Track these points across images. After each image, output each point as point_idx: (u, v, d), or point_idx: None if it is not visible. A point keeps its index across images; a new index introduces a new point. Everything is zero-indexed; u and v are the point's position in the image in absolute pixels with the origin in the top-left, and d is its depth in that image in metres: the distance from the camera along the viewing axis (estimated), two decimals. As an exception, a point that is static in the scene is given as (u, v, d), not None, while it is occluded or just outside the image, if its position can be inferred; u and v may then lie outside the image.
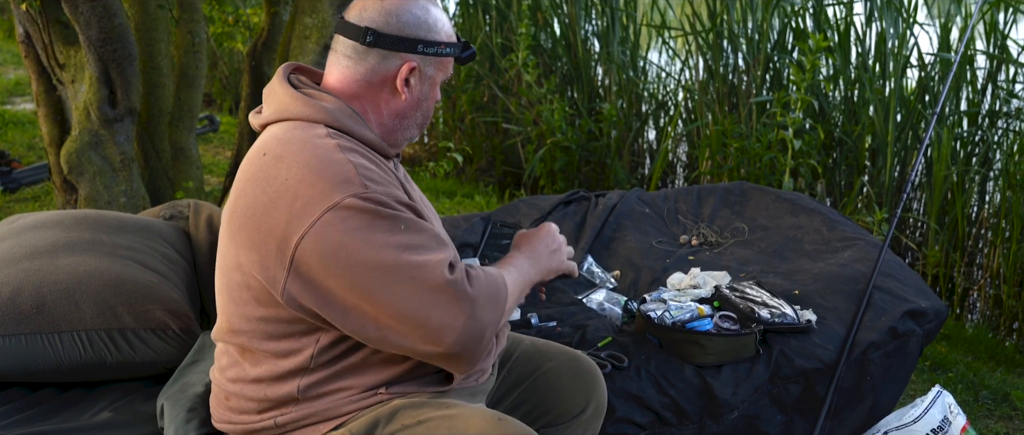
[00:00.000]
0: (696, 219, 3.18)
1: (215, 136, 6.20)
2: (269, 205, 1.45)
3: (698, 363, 2.28)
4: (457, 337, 1.42)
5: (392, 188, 1.48)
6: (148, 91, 3.76)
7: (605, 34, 5.33)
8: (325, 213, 1.41)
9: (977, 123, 4.35)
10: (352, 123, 1.54)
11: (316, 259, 1.42)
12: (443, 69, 1.62)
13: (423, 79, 1.60)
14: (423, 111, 1.64)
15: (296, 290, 1.45)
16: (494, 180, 5.69)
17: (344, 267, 1.41)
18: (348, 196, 1.41)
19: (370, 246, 1.40)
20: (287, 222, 1.43)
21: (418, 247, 1.43)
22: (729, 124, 4.47)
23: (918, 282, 2.67)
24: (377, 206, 1.42)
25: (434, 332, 1.42)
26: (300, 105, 1.54)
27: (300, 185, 1.43)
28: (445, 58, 1.61)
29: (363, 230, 1.41)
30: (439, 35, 1.58)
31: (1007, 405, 3.01)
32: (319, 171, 1.44)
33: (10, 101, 7.02)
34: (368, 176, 1.45)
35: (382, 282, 1.41)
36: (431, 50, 1.58)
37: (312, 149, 1.47)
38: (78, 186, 3.46)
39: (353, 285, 1.42)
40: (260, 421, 1.60)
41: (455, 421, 1.53)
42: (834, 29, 4.53)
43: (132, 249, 2.26)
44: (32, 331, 1.97)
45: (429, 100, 1.63)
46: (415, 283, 1.41)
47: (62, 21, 3.41)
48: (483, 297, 1.46)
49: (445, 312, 1.42)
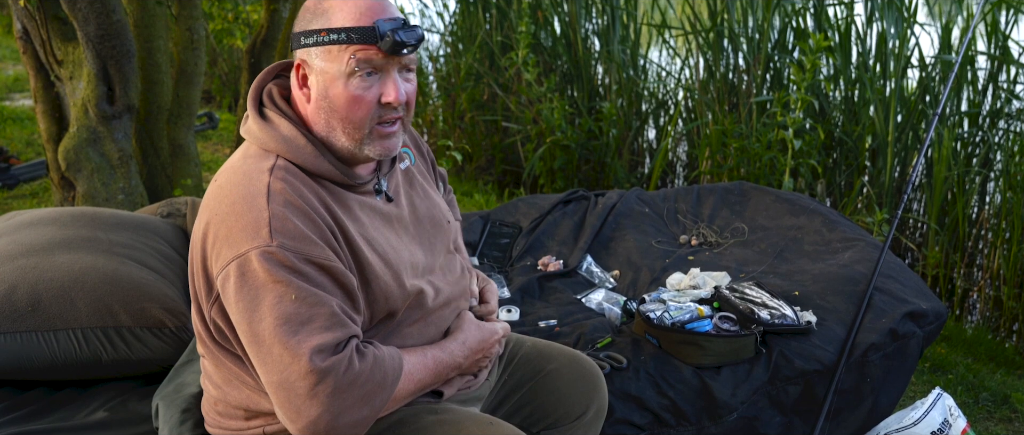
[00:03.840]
0: (696, 219, 3.17)
1: (214, 133, 6.19)
2: (204, 233, 1.44)
3: (697, 364, 2.27)
4: (308, 424, 1.37)
5: (308, 245, 1.38)
6: (147, 88, 3.75)
7: (605, 33, 5.31)
8: (231, 262, 1.38)
9: (978, 124, 4.34)
10: (307, 156, 1.45)
11: (225, 301, 1.42)
12: (335, 59, 1.42)
13: (316, 74, 1.45)
14: (333, 113, 1.45)
15: (219, 319, 1.46)
16: (493, 179, 5.68)
17: (237, 321, 1.40)
18: (252, 249, 1.36)
19: (256, 310, 1.36)
20: (210, 256, 1.43)
21: (298, 323, 1.36)
22: (729, 124, 4.46)
23: (918, 283, 2.66)
24: (273, 266, 1.35)
25: (291, 412, 1.38)
26: (258, 130, 1.48)
27: (222, 225, 1.41)
28: (329, 45, 1.41)
29: (254, 291, 1.36)
30: (328, 21, 1.41)
31: (1007, 407, 3.00)
32: (238, 213, 1.39)
33: (9, 97, 7.00)
34: (281, 230, 1.37)
35: (257, 348, 1.38)
36: (310, 41, 1.42)
37: (244, 187, 1.42)
38: (76, 183, 3.45)
39: (243, 339, 1.41)
40: (248, 428, 1.58)
41: (447, 425, 1.52)
42: (835, 29, 4.52)
43: (129, 247, 2.25)
44: (27, 329, 1.97)
45: (332, 99, 1.44)
46: (283, 361, 1.36)
47: (60, 17, 3.40)
48: (354, 394, 1.38)
49: (302, 399, 1.36)
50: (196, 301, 1.51)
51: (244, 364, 1.51)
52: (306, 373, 1.34)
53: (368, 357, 1.41)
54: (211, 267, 1.42)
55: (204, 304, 1.47)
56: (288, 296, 1.36)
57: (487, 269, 2.90)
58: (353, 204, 1.51)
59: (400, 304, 1.53)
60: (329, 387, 1.35)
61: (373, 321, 1.51)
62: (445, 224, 1.72)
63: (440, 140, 5.43)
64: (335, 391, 1.36)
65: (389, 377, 1.44)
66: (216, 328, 1.48)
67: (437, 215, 1.71)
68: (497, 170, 5.70)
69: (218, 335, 1.49)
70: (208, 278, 1.44)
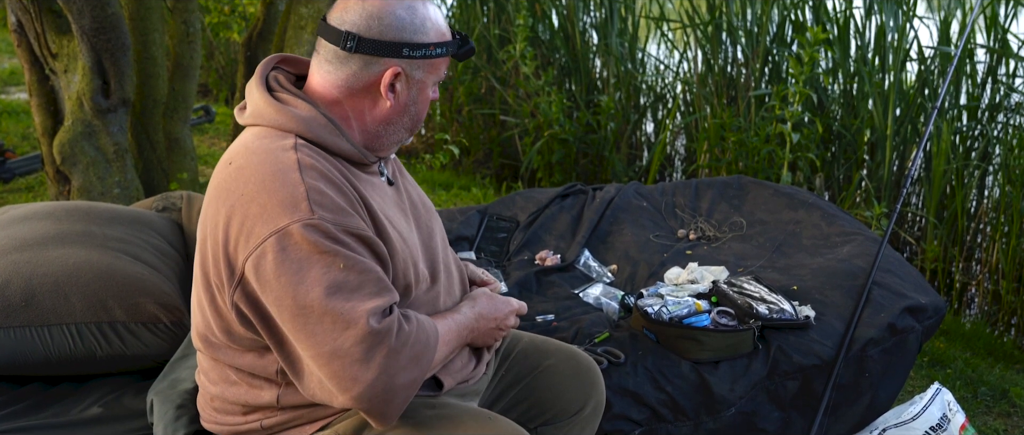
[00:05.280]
0: (694, 213, 3.15)
1: (211, 126, 6.17)
2: (227, 218, 1.42)
3: (695, 359, 2.26)
4: (365, 389, 1.38)
5: (346, 217, 1.41)
6: (142, 81, 3.73)
7: (603, 26, 5.29)
8: (268, 238, 1.37)
9: (977, 117, 4.33)
10: (326, 134, 1.48)
11: (256, 282, 1.40)
12: (434, 71, 1.54)
13: (410, 83, 1.52)
14: (411, 116, 1.56)
15: (242, 304, 1.43)
16: (491, 172, 5.67)
17: (278, 297, 1.39)
18: (293, 222, 1.37)
19: (302, 283, 1.36)
20: (236, 239, 1.41)
21: (349, 290, 1.37)
22: (727, 117, 4.45)
23: (917, 278, 2.65)
24: (319, 237, 1.37)
25: (346, 380, 1.38)
26: (272, 112, 1.49)
27: (251, 204, 1.40)
28: (435, 59, 1.52)
29: (298, 263, 1.36)
30: (427, 36, 1.49)
31: (1006, 402, 3.00)
32: (271, 191, 1.39)
33: (5, 90, 6.97)
34: (320, 202, 1.39)
35: (305, 321, 1.37)
36: (418, 53, 1.49)
37: (271, 164, 1.42)
38: (71, 177, 3.44)
39: (282, 317, 1.40)
40: (246, 423, 1.58)
41: (445, 420, 1.52)
42: (833, 22, 4.51)
43: (123, 241, 2.24)
44: (21, 324, 1.95)
45: (418, 104, 1.55)
46: (336, 328, 1.36)
47: (55, 10, 3.38)
48: (405, 355, 1.41)
49: (358, 364, 1.37)
50: (207, 295, 1.49)
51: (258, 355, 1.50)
52: (363, 337, 1.36)
53: (412, 319, 1.46)
54: (237, 250, 1.40)
55: (226, 291, 1.44)
56: (336, 265, 1.37)
57: (484, 263, 2.88)
58: (367, 184, 1.54)
59: (414, 281, 1.54)
60: (385, 349, 1.38)
61: None
62: (432, 208, 1.76)
63: (437, 134, 5.42)
64: (391, 353, 1.39)
65: (432, 339, 1.48)
66: (238, 313, 1.45)
67: (427, 202, 1.75)
68: (495, 164, 5.68)
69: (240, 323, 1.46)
70: (231, 263, 1.42)
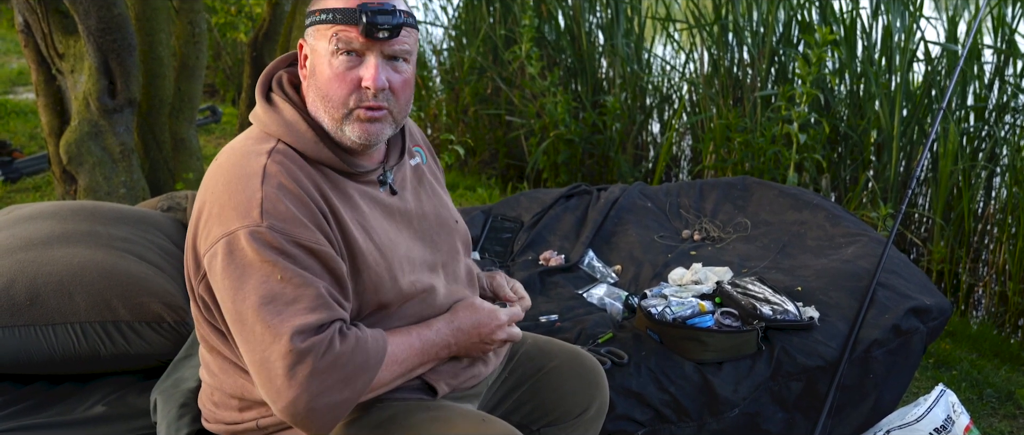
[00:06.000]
0: (698, 214, 3.15)
1: (217, 127, 6.19)
2: (198, 211, 1.48)
3: (698, 360, 2.25)
4: (288, 405, 1.37)
5: (297, 228, 1.40)
6: (148, 81, 3.74)
7: (609, 27, 5.29)
8: (220, 239, 1.40)
9: (984, 118, 4.31)
10: (304, 140, 1.48)
11: (211, 278, 1.44)
12: (323, 38, 1.47)
13: (311, 53, 1.51)
14: (317, 89, 1.49)
15: (206, 296, 1.48)
16: (497, 173, 5.67)
17: (222, 299, 1.42)
18: (241, 228, 1.38)
19: (240, 289, 1.38)
20: (200, 234, 1.46)
21: (283, 304, 1.37)
22: (733, 118, 4.44)
23: (922, 279, 2.64)
24: (261, 246, 1.37)
25: (271, 392, 1.38)
26: (262, 114, 1.52)
27: (214, 204, 1.43)
28: (319, 25, 1.47)
29: (241, 269, 1.38)
30: (324, 3, 1.47)
31: (1011, 404, 2.98)
32: (231, 192, 1.42)
33: (13, 91, 7.01)
34: (272, 211, 1.39)
35: (240, 326, 1.39)
36: (310, 20, 1.50)
37: (239, 167, 1.45)
38: (77, 176, 3.45)
39: (227, 318, 1.43)
40: (243, 420, 1.58)
41: (439, 422, 1.51)
42: (840, 22, 4.49)
43: (128, 241, 2.25)
44: (25, 323, 1.96)
45: (318, 75, 1.48)
46: (264, 339, 1.37)
47: (61, 11, 3.39)
48: (334, 376, 1.38)
49: (281, 379, 1.36)
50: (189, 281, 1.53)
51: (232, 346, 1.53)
52: (285, 353, 1.35)
53: (350, 339, 1.41)
54: (200, 244, 1.45)
55: (194, 281, 1.49)
56: (274, 276, 1.37)
57: (488, 264, 2.89)
58: (352, 192, 1.52)
59: (391, 297, 1.52)
60: (308, 368, 1.35)
61: (363, 312, 1.51)
62: (453, 225, 1.72)
63: (443, 134, 5.42)
64: (314, 372, 1.36)
65: (372, 359, 1.44)
66: (204, 305, 1.50)
67: (445, 215, 1.71)
68: (500, 164, 5.68)
69: (206, 313, 1.52)
70: (196, 255, 1.47)
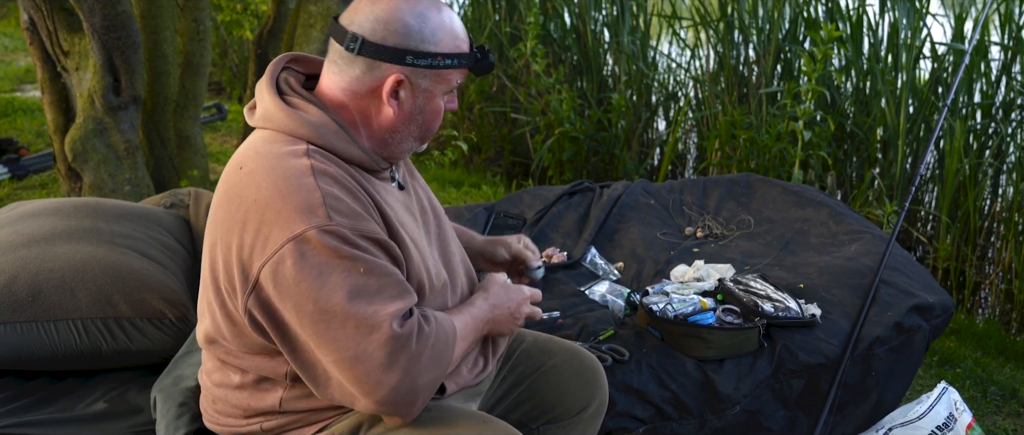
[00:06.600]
0: (701, 211, 3.14)
1: (223, 124, 6.20)
2: (240, 223, 1.41)
3: (700, 357, 2.25)
4: (389, 392, 1.38)
5: (362, 221, 1.41)
6: (153, 79, 3.75)
7: (615, 24, 5.28)
8: (285, 243, 1.36)
9: (990, 115, 4.29)
10: (336, 140, 1.47)
11: (273, 288, 1.38)
12: (442, 81, 1.50)
13: (416, 92, 1.49)
14: (419, 125, 1.53)
15: (256, 311, 1.42)
16: (502, 170, 5.67)
17: (297, 303, 1.37)
18: (310, 228, 1.36)
19: (323, 287, 1.36)
20: (251, 246, 1.39)
21: (371, 294, 1.37)
22: (738, 115, 4.43)
23: (925, 276, 2.63)
24: (338, 243, 1.36)
25: (368, 384, 1.38)
26: (283, 116, 1.47)
27: (266, 210, 1.39)
28: (442, 70, 1.48)
29: (318, 268, 1.36)
30: (437, 45, 1.46)
31: (1016, 401, 2.97)
32: (286, 196, 1.38)
33: (20, 88, 7.03)
34: (336, 207, 1.39)
35: (326, 326, 1.37)
36: (423, 62, 1.46)
37: (284, 169, 1.41)
38: (82, 174, 3.46)
39: (302, 322, 1.38)
40: (247, 425, 1.59)
41: (440, 422, 1.51)
42: (846, 19, 4.48)
43: (130, 237, 2.25)
44: (27, 319, 1.97)
45: (425, 113, 1.52)
46: (359, 332, 1.36)
47: (66, 8, 3.40)
48: (427, 356, 1.41)
49: (381, 368, 1.37)
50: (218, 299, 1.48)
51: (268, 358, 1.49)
52: (386, 341, 1.36)
53: (432, 321, 1.46)
54: (252, 257, 1.39)
55: (239, 296, 1.42)
56: (356, 269, 1.37)
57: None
58: (379, 189, 1.53)
59: (427, 283, 1.54)
60: (408, 352, 1.38)
61: None
62: (442, 213, 1.74)
63: (447, 130, 5.42)
64: (413, 355, 1.39)
65: (451, 337, 1.49)
66: (252, 320, 1.43)
67: (436, 204, 1.73)
68: (506, 162, 5.68)
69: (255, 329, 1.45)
70: (245, 270, 1.40)
